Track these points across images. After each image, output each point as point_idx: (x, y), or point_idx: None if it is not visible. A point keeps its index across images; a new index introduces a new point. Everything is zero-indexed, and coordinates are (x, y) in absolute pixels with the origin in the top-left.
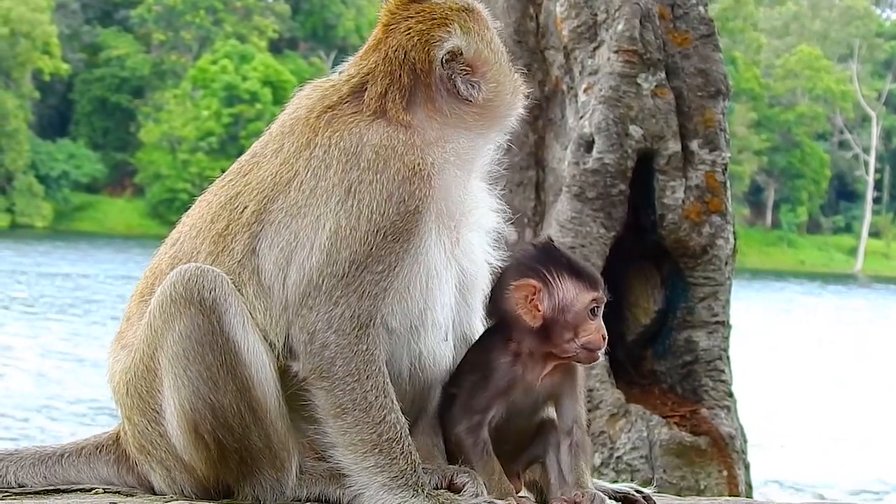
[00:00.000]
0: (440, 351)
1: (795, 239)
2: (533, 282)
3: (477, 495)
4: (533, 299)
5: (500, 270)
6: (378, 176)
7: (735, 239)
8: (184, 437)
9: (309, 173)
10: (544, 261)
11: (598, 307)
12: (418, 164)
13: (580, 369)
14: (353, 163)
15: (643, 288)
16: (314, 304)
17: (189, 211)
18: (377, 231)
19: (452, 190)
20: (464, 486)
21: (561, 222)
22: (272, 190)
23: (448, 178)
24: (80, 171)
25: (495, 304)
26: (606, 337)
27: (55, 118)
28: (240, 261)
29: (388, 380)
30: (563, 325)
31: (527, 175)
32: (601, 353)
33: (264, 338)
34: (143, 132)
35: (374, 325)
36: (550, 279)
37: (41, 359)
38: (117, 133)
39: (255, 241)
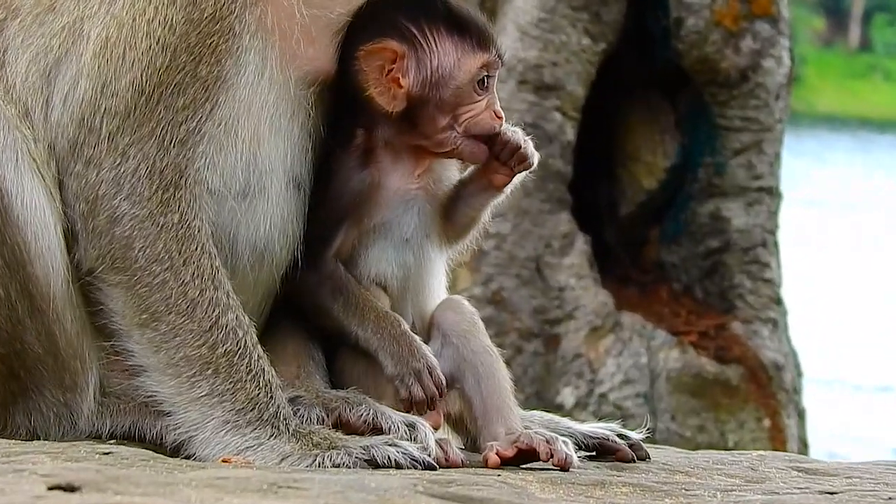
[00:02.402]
0: (293, 219)
1: (895, 68)
2: (393, 44)
3: (388, 434)
4: (392, 70)
5: (343, 25)
6: None
7: (793, 61)
8: None
9: None
10: (410, 9)
11: (489, 77)
12: None
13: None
14: None
15: (648, 133)
16: (93, 155)
17: None
18: (165, 48)
19: None
20: (360, 422)
21: (522, 27)
22: None
23: None
24: None
25: (339, 79)
26: (502, 116)
27: None
28: None
29: (218, 264)
30: (437, 106)
31: None
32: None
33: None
34: None
35: (186, 184)
36: (420, 38)
37: None
38: None
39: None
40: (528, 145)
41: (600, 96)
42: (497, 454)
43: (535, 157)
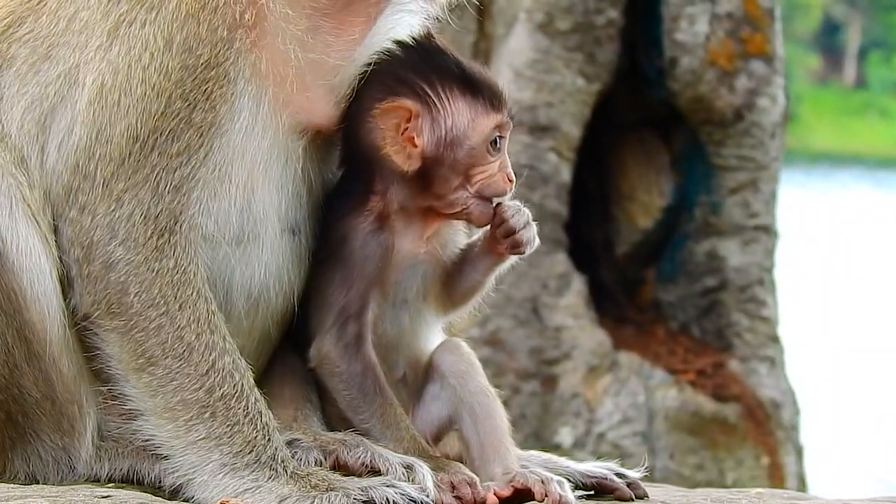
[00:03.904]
0: (289, 266)
1: (891, 105)
2: (408, 103)
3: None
4: (407, 129)
5: (356, 86)
6: (153, 14)
7: (788, 99)
8: None
9: None
10: (424, 69)
11: (501, 137)
12: None
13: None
14: None
15: (643, 172)
16: (88, 201)
17: None
18: (160, 94)
19: (281, 33)
20: (358, 464)
21: (517, 68)
22: (24, 5)
23: (271, 15)
24: None
25: (350, 138)
26: (514, 179)
27: None
28: None
29: (214, 308)
30: (450, 167)
31: None
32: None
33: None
34: None
35: (181, 229)
36: (434, 98)
37: None
38: None
39: None
40: (527, 231)
41: (595, 136)
42: (493, 493)
43: (534, 244)
